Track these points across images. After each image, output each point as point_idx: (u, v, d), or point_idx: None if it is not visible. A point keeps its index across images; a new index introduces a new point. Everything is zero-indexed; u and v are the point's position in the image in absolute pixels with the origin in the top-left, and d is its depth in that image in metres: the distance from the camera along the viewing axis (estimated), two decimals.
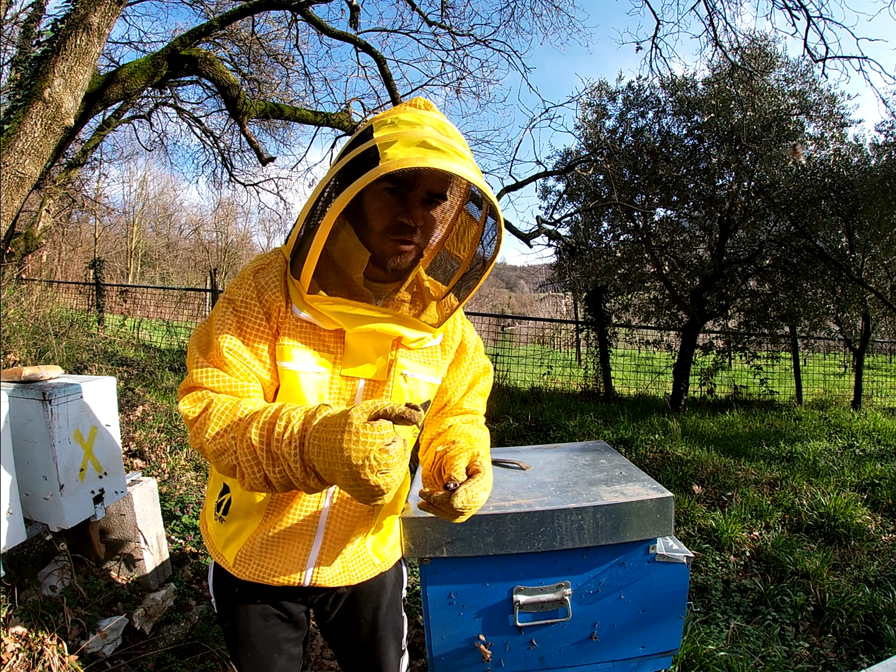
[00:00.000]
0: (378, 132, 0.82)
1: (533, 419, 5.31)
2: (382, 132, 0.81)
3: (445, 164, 0.76)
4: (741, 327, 7.45)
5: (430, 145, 0.78)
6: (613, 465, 1.58)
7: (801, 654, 1.97)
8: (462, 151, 0.82)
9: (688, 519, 3.08)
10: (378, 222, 0.87)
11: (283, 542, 0.99)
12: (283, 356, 0.89)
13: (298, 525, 0.98)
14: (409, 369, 0.97)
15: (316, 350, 0.91)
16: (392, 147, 0.78)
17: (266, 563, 0.99)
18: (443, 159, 0.77)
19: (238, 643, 1.06)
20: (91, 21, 2.61)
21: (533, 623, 1.31)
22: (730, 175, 6.33)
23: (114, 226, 23.93)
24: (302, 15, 5.30)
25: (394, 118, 0.85)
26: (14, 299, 4.50)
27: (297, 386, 0.90)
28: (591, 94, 6.91)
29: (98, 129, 6.72)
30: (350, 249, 0.91)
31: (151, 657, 1.78)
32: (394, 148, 0.77)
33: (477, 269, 0.96)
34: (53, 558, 1.91)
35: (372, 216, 0.87)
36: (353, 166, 0.81)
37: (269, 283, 0.90)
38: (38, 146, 2.56)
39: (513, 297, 45.99)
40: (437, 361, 1.03)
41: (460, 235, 1.02)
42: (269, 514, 0.98)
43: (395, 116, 0.85)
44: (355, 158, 0.80)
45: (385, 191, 0.85)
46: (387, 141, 0.79)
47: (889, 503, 3.29)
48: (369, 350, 0.93)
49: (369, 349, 0.93)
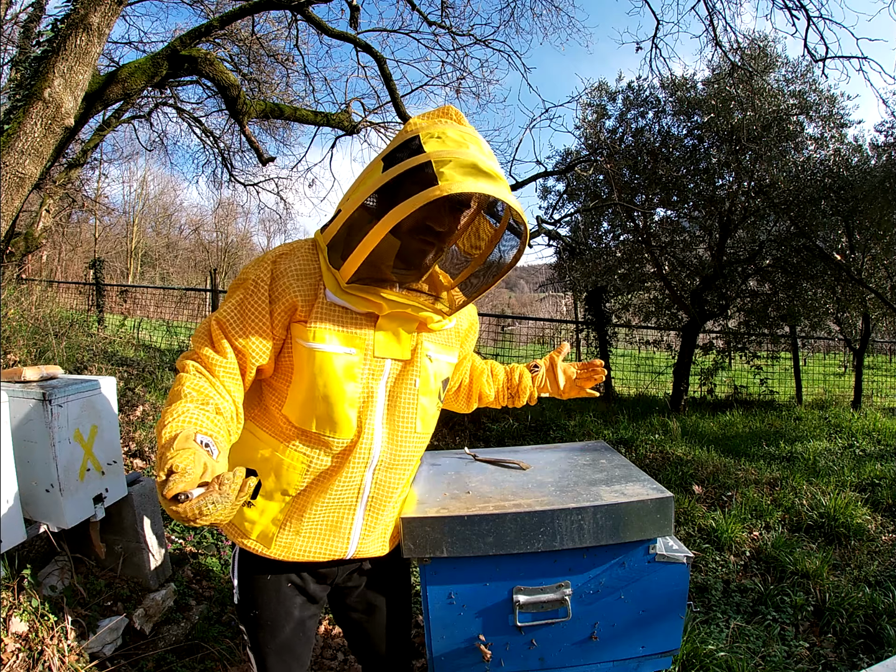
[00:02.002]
0: (428, 146, 0.89)
1: (533, 419, 5.31)
2: (433, 147, 0.89)
3: (499, 192, 0.87)
4: (741, 327, 7.45)
5: (481, 170, 0.87)
6: (613, 465, 1.58)
7: (801, 654, 1.97)
8: (501, 173, 0.91)
9: (688, 519, 3.08)
10: (409, 222, 0.93)
11: (325, 517, 1.04)
12: (316, 338, 0.96)
13: (341, 498, 1.03)
14: (432, 350, 1.08)
15: (348, 332, 0.98)
16: (447, 167, 0.85)
17: (307, 541, 1.04)
18: (494, 185, 0.87)
19: (267, 631, 1.07)
20: (91, 21, 2.61)
21: (533, 623, 1.31)
22: (730, 175, 6.33)
23: (114, 226, 23.93)
24: (302, 15, 5.30)
25: (440, 132, 0.92)
26: (14, 299, 4.50)
27: (330, 366, 0.96)
28: (590, 94, 6.91)
29: (98, 129, 6.72)
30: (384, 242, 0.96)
31: (151, 657, 1.78)
32: (450, 168, 0.85)
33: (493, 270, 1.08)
34: (53, 558, 1.91)
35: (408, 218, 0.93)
36: (405, 176, 0.88)
37: (289, 269, 0.96)
38: (38, 146, 2.56)
39: (513, 297, 45.96)
40: (454, 342, 1.16)
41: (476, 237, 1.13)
42: (308, 489, 1.02)
43: (440, 131, 0.92)
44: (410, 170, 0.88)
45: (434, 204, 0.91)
46: (442, 159, 0.86)
47: (889, 503, 3.29)
48: (397, 332, 1.02)
49: (397, 332, 1.02)
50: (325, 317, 0.96)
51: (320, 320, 0.96)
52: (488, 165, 0.88)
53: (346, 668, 1.93)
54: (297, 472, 1.01)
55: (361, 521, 1.07)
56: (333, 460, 1.02)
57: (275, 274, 0.96)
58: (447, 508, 1.28)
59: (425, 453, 1.92)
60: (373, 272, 0.97)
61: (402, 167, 0.87)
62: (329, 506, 1.03)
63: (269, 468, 1.02)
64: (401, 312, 0.99)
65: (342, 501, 1.04)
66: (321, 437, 1.00)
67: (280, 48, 7.01)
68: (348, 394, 0.98)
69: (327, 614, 2.20)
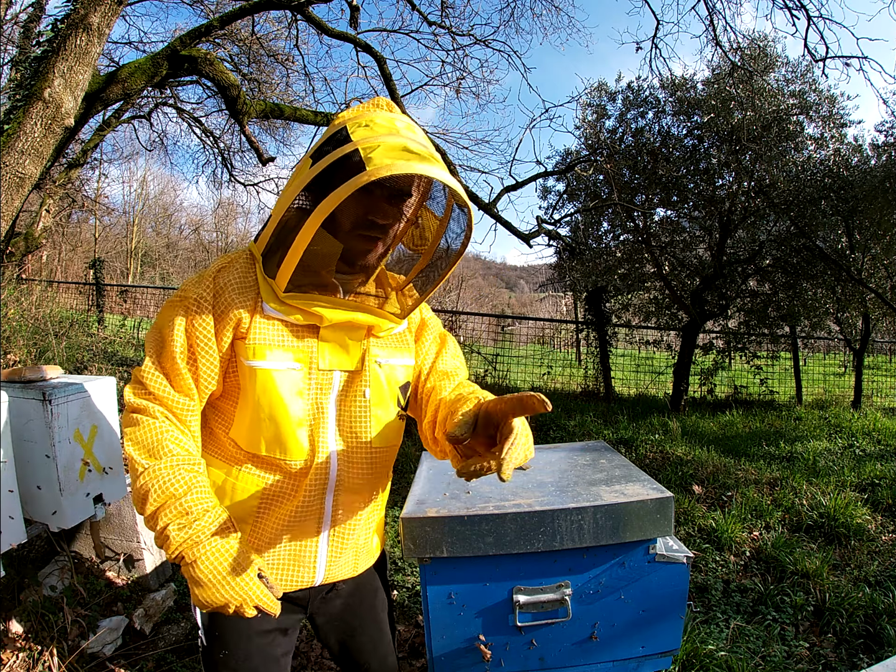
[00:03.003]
0: (355, 134, 0.83)
1: (533, 419, 5.31)
2: (360, 134, 0.83)
3: (432, 170, 0.80)
4: (741, 327, 7.45)
5: (411, 150, 0.81)
6: (613, 465, 1.58)
7: (801, 654, 1.97)
8: (436, 154, 0.85)
9: (688, 519, 3.08)
10: (348, 220, 0.88)
11: (288, 547, 0.97)
12: (255, 355, 0.89)
13: (301, 527, 0.96)
14: (382, 356, 0.99)
15: (290, 347, 0.91)
16: (376, 152, 0.79)
17: (272, 572, 0.96)
18: (426, 165, 0.80)
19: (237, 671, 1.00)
20: (91, 21, 2.61)
21: (533, 623, 1.31)
22: (730, 175, 6.33)
23: (114, 226, 23.93)
24: (302, 15, 5.30)
25: (367, 121, 0.86)
26: (14, 299, 4.50)
27: (272, 385, 0.89)
28: (590, 94, 6.91)
29: (98, 129, 6.72)
30: (322, 246, 0.91)
31: (151, 657, 1.78)
32: (378, 153, 0.79)
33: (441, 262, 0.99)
34: (53, 558, 1.91)
35: (343, 214, 0.88)
36: (334, 169, 0.82)
37: (230, 282, 0.90)
38: (38, 146, 2.56)
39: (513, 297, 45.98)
40: (407, 343, 1.06)
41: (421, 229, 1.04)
42: (264, 515, 0.95)
43: (368, 119, 0.86)
44: (337, 161, 0.81)
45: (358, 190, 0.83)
46: (370, 145, 0.80)
47: (889, 503, 3.29)
48: (343, 342, 0.94)
49: (343, 341, 0.94)
50: (265, 331, 0.89)
51: (259, 336, 0.89)
52: (419, 147, 0.82)
53: None
54: (252, 497, 0.94)
55: (326, 549, 0.99)
56: (288, 484, 0.94)
57: (216, 289, 0.89)
58: (447, 508, 1.28)
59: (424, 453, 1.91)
60: (312, 278, 0.91)
61: (329, 159, 0.82)
62: (290, 535, 0.96)
63: (222, 495, 0.95)
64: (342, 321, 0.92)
65: (303, 530, 0.96)
66: (273, 460, 0.93)
67: (280, 48, 7.01)
68: (295, 413, 0.91)
69: None
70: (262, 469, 0.94)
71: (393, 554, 2.63)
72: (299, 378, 0.91)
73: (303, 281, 0.89)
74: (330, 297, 0.91)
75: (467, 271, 29.80)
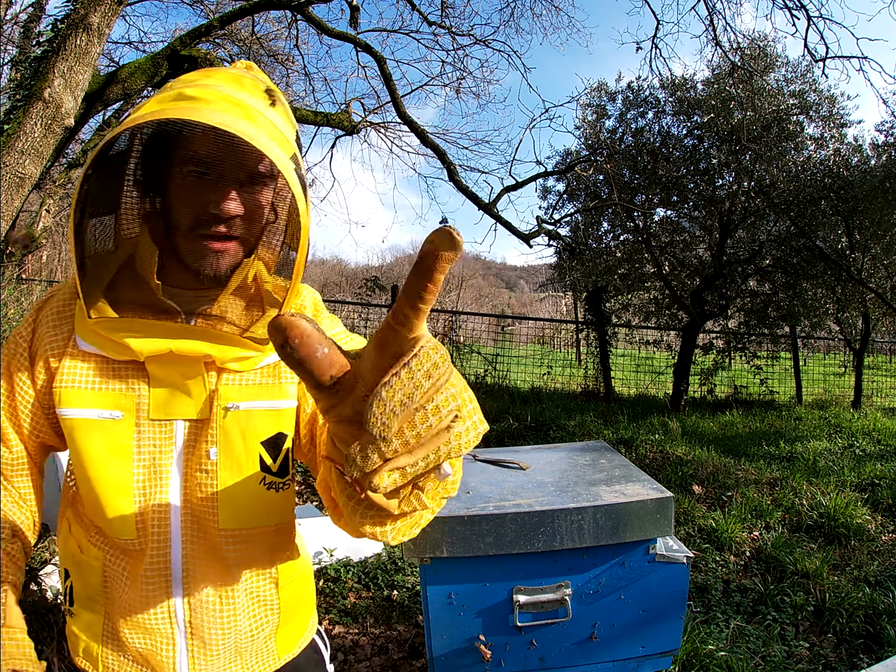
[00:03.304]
0: None
1: (533, 419, 5.31)
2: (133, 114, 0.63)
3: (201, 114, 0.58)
4: (741, 327, 7.46)
5: (185, 95, 0.61)
6: (613, 465, 1.59)
7: (801, 654, 1.97)
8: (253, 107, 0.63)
9: (688, 519, 3.08)
10: (183, 217, 0.67)
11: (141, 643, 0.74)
12: (63, 402, 0.69)
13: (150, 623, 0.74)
14: (236, 398, 0.72)
15: (107, 390, 0.69)
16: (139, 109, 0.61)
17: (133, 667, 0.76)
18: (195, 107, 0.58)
19: None
20: (91, 21, 2.61)
21: (533, 623, 1.31)
22: (730, 175, 6.34)
23: None
24: (302, 15, 5.31)
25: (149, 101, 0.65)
26: (14, 299, 4.50)
27: (86, 438, 0.69)
28: (590, 94, 6.92)
29: (98, 129, 6.72)
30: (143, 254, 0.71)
31: None
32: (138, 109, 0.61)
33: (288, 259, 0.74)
34: (53, 558, 1.91)
35: (176, 210, 0.68)
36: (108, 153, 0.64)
37: (48, 315, 0.72)
38: (38, 146, 2.56)
39: (513, 297, 46.00)
40: (280, 378, 0.75)
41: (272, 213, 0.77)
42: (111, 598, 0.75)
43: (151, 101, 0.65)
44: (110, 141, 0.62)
45: (189, 178, 0.66)
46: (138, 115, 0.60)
47: (889, 503, 3.29)
48: (179, 381, 0.70)
49: (178, 380, 0.70)
50: (75, 371, 0.69)
51: (68, 377, 0.69)
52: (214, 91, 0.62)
53: (346, 668, 1.93)
54: (94, 573, 0.75)
55: (187, 657, 0.74)
56: (122, 566, 0.74)
57: (36, 325, 0.73)
58: (447, 508, 1.28)
59: None
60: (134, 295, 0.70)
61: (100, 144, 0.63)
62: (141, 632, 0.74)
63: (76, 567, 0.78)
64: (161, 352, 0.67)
65: (154, 627, 0.73)
66: (104, 533, 0.74)
67: (280, 48, 7.02)
68: (113, 476, 0.69)
69: (328, 614, 2.20)
70: (101, 540, 0.75)
71: (393, 554, 2.64)
72: (120, 431, 0.70)
73: (128, 302, 0.69)
74: (157, 321, 0.68)
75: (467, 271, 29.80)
